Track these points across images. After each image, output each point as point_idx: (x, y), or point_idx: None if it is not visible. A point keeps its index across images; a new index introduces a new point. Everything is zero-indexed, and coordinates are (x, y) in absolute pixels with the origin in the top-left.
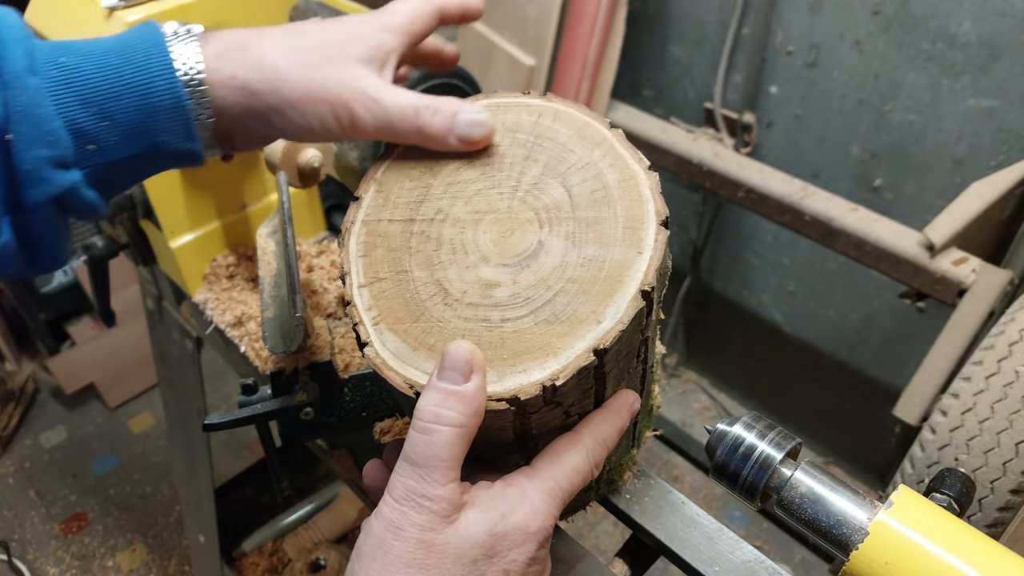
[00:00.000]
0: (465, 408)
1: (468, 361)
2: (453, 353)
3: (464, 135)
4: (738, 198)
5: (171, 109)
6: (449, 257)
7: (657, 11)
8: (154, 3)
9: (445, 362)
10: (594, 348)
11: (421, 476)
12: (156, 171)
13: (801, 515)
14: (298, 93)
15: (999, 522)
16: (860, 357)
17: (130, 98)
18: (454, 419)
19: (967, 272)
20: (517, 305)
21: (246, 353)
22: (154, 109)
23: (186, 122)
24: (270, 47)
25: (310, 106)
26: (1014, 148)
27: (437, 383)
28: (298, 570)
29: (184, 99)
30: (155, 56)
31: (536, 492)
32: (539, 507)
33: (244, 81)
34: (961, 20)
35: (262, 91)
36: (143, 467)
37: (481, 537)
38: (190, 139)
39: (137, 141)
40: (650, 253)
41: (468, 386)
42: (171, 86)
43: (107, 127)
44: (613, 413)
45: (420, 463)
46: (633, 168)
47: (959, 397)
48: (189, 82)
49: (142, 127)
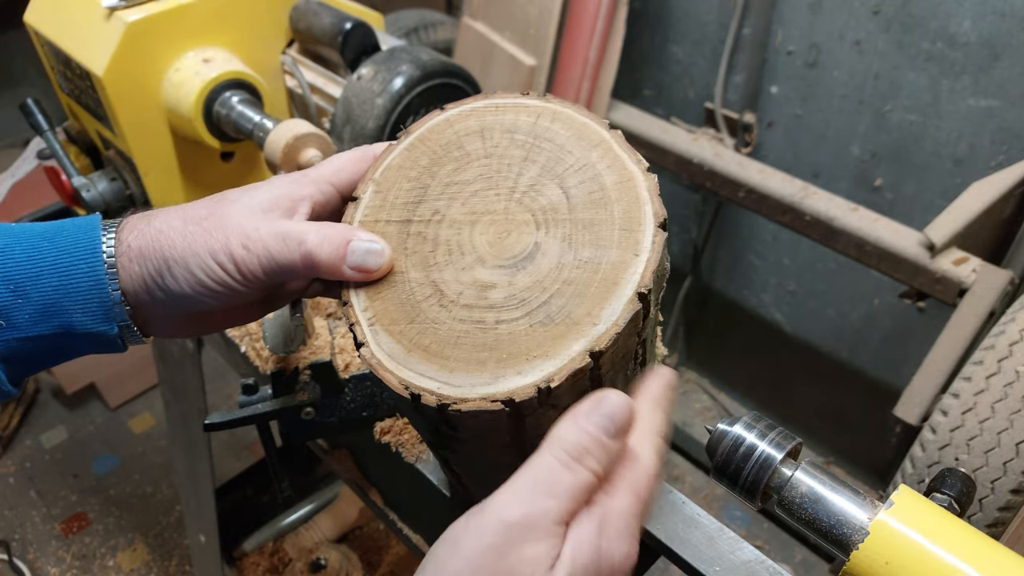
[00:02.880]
0: (607, 462)
1: (628, 420)
2: (613, 401)
3: (358, 264)
4: (738, 198)
5: (89, 289)
6: (445, 258)
7: (657, 11)
8: (154, 3)
9: (603, 406)
10: (589, 350)
11: (549, 508)
12: (75, 355)
13: (801, 515)
14: (178, 246)
15: (999, 522)
16: (860, 357)
17: (49, 278)
18: (598, 470)
19: (967, 272)
20: (512, 307)
21: (246, 353)
22: (71, 289)
23: (102, 301)
24: (167, 215)
25: (192, 257)
26: (1014, 148)
27: (589, 424)
28: (298, 570)
29: (102, 277)
30: (83, 240)
31: (620, 516)
32: (623, 533)
33: (137, 248)
34: (961, 20)
35: (149, 252)
36: (144, 467)
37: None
38: (106, 320)
39: (50, 320)
40: (647, 255)
41: (615, 444)
42: (92, 266)
43: (20, 304)
44: (660, 398)
45: (553, 494)
46: (631, 169)
47: (959, 397)
48: (107, 258)
49: (56, 307)
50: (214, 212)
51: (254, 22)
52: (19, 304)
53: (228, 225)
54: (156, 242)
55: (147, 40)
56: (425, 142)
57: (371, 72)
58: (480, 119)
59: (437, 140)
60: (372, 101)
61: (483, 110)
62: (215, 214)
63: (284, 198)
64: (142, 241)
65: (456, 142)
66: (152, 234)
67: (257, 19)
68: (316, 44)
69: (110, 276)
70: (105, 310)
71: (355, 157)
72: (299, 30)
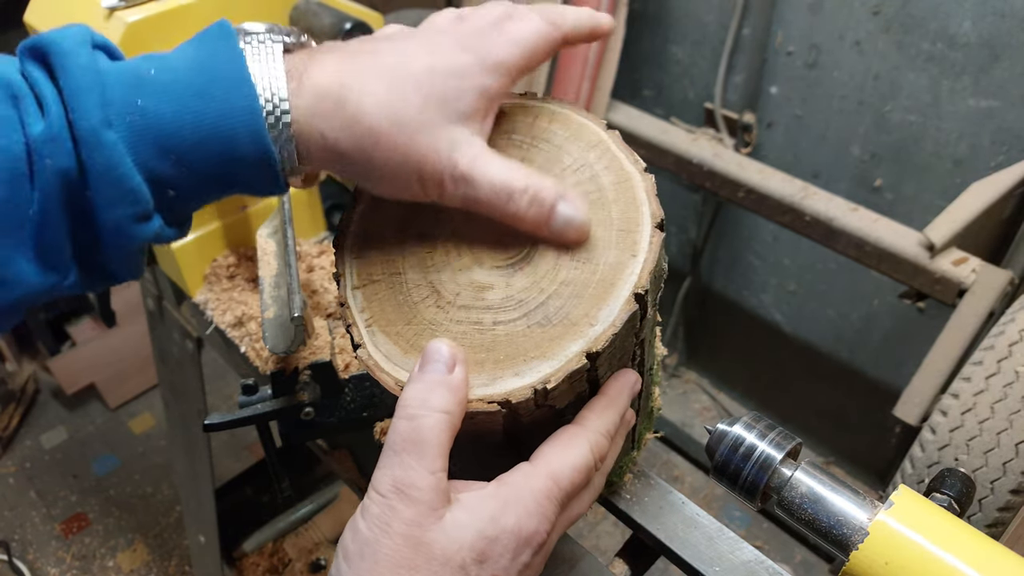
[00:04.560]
0: (452, 396)
1: (452, 354)
2: (435, 347)
3: (558, 232)
4: (738, 198)
5: (256, 162)
6: (443, 259)
7: (657, 11)
8: (155, 3)
9: (427, 356)
10: (586, 351)
11: (408, 464)
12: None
13: (801, 515)
14: (389, 162)
15: (999, 522)
16: (860, 357)
17: (210, 147)
18: (442, 405)
19: (967, 272)
20: (510, 308)
21: (246, 353)
22: (237, 159)
23: (272, 172)
24: (371, 103)
25: (400, 175)
26: (1014, 148)
27: (421, 375)
28: (298, 570)
29: (272, 155)
30: (239, 102)
31: (531, 493)
32: (533, 510)
33: (334, 141)
34: (961, 20)
35: (350, 154)
36: (143, 467)
37: (470, 539)
38: (275, 185)
39: (217, 186)
40: (644, 256)
41: (454, 375)
42: (257, 141)
43: (186, 175)
44: (613, 399)
45: (406, 449)
46: (628, 170)
47: (959, 397)
48: (278, 137)
49: (223, 174)
50: (427, 122)
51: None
52: (185, 175)
53: (444, 148)
54: (361, 146)
55: (147, 40)
56: None
57: None
58: None
59: None
60: None
61: None
62: (428, 125)
63: (483, 98)
64: (341, 135)
65: None
66: (356, 129)
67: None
68: None
69: (284, 153)
70: (275, 177)
71: (539, 32)
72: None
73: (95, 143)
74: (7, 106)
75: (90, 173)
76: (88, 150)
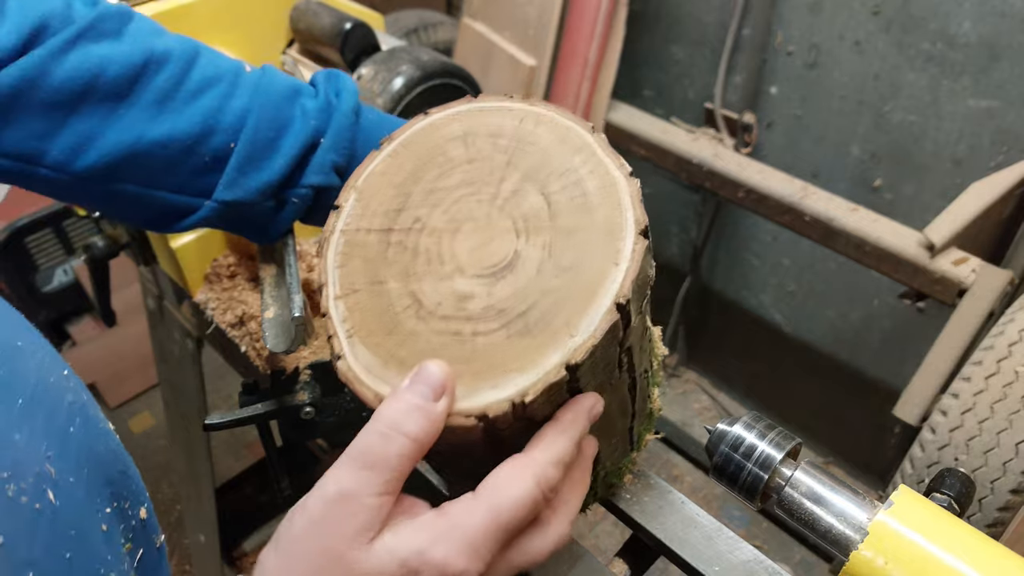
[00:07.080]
0: (427, 426)
1: (443, 383)
2: (429, 369)
3: None
4: (738, 198)
5: None
6: (425, 268)
7: (657, 11)
8: (154, 3)
9: (418, 375)
10: (566, 363)
11: (362, 478)
12: None
13: (801, 515)
14: None
15: (999, 522)
16: (860, 357)
17: (365, 146)
18: (414, 432)
19: (967, 272)
20: (490, 318)
21: (247, 353)
22: None
23: None
24: None
25: None
26: (1014, 148)
27: (406, 394)
28: None
29: None
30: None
31: (465, 530)
32: (464, 548)
33: None
34: (961, 20)
35: None
36: (143, 467)
37: (391, 568)
38: None
39: None
40: (627, 264)
41: (437, 405)
42: None
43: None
44: (568, 424)
45: (366, 465)
46: (614, 175)
47: (959, 397)
48: None
49: None
50: None
51: (254, 22)
52: (351, 166)
53: None
54: None
55: None
56: (408, 147)
57: (371, 72)
58: (463, 123)
59: (421, 145)
60: (372, 101)
61: (467, 114)
62: None
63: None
64: None
65: (440, 147)
66: None
67: (257, 19)
68: (316, 44)
69: None
70: None
71: None
72: (299, 30)
73: (341, 116)
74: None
75: (329, 128)
76: (336, 118)
